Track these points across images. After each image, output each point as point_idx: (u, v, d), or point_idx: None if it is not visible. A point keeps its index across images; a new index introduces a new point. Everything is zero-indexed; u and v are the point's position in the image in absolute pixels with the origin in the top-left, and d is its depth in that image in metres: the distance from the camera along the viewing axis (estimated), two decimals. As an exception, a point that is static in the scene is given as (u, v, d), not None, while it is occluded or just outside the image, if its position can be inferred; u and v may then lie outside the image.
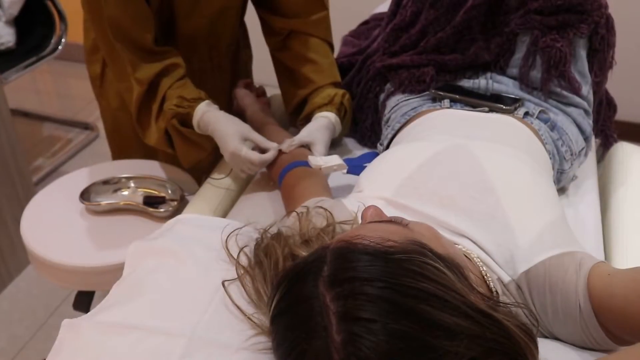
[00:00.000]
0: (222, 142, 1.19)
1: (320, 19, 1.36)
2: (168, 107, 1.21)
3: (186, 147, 1.26)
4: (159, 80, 1.24)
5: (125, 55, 1.21)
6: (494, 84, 1.23)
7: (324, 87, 1.32)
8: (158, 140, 1.27)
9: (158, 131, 1.25)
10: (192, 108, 1.21)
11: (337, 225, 0.85)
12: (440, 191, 0.89)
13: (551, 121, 1.16)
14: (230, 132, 1.18)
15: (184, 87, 1.25)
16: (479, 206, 0.87)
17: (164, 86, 1.24)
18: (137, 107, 1.26)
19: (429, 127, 1.07)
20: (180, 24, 1.33)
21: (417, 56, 1.27)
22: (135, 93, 1.24)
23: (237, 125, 1.20)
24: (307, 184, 1.06)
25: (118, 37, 1.20)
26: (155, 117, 1.24)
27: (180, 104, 1.22)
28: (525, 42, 1.22)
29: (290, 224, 0.89)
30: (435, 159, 0.94)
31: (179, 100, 1.22)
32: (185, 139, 1.24)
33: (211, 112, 1.21)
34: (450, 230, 0.86)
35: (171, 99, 1.22)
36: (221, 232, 0.86)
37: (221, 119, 1.20)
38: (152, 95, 1.25)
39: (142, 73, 1.23)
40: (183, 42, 1.36)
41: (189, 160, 1.31)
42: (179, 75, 1.26)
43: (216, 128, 1.19)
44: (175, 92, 1.23)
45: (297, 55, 1.36)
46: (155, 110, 1.24)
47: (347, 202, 0.93)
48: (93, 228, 1.31)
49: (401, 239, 0.63)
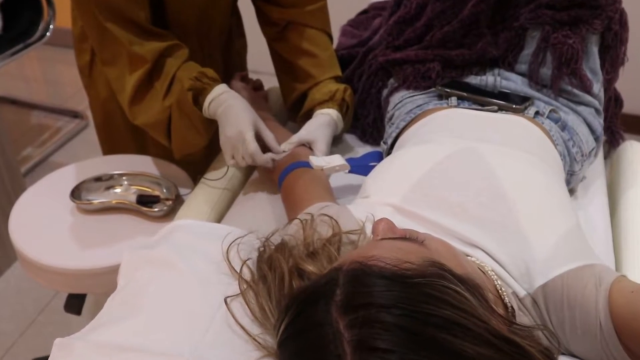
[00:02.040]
0: (233, 118, 1.11)
1: (318, 8, 1.30)
2: (187, 77, 1.14)
3: (185, 131, 1.19)
4: (164, 59, 1.17)
5: (122, 34, 1.14)
6: (502, 81, 1.19)
7: (324, 81, 1.27)
8: (156, 123, 1.20)
9: (163, 110, 1.17)
10: (210, 86, 1.14)
11: (343, 235, 0.81)
12: (450, 198, 0.85)
13: (562, 121, 1.11)
14: (245, 112, 1.11)
15: (195, 67, 1.19)
16: (491, 215, 0.83)
17: (171, 67, 1.17)
18: (134, 88, 1.18)
19: (437, 128, 1.03)
20: (169, 11, 1.27)
21: (422, 51, 1.22)
22: (137, 73, 1.16)
23: (252, 112, 1.14)
24: (309, 187, 1.01)
25: (110, 17, 1.13)
26: (163, 94, 1.17)
27: (201, 78, 1.15)
28: (535, 38, 1.17)
29: (293, 232, 0.84)
30: (444, 164, 0.90)
31: (199, 74, 1.15)
32: (187, 121, 1.17)
33: (230, 93, 1.15)
34: (461, 240, 0.82)
35: (187, 74, 1.15)
36: (222, 241, 0.81)
37: (239, 100, 1.14)
38: (155, 74, 1.18)
39: (145, 49, 1.15)
40: (173, 32, 1.30)
41: (184, 147, 1.24)
42: (184, 56, 1.20)
43: (232, 105, 1.12)
44: (190, 70, 1.16)
45: (295, 47, 1.30)
46: (161, 88, 1.17)
47: (353, 209, 0.88)
48: (84, 228, 1.26)
49: (419, 259, 0.59)
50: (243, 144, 1.10)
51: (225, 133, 1.12)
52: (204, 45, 1.40)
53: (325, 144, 1.16)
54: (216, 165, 1.28)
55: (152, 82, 1.18)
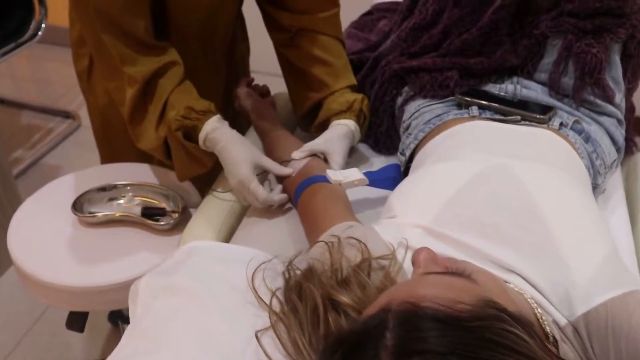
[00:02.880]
0: (231, 166, 1.09)
1: (331, 15, 1.26)
2: (174, 118, 1.10)
3: (186, 160, 1.16)
4: (156, 81, 1.13)
5: (115, 50, 1.10)
6: (522, 90, 1.15)
7: (340, 91, 1.22)
8: (155, 149, 1.17)
9: (157, 139, 1.14)
10: (200, 121, 1.10)
11: (373, 260, 0.77)
12: (484, 219, 0.82)
13: (585, 132, 1.08)
14: (241, 157, 1.08)
15: (188, 93, 1.14)
16: (528, 237, 0.79)
17: (164, 90, 1.13)
18: (130, 108, 1.15)
19: (462, 142, 0.99)
20: (172, 17, 1.22)
21: (440, 59, 1.18)
22: (130, 93, 1.13)
23: (248, 150, 1.10)
24: (329, 204, 0.97)
25: (106, 29, 1.09)
26: (156, 124, 1.13)
27: (188, 115, 1.11)
28: (556, 46, 1.14)
29: (319, 256, 0.80)
30: (475, 182, 0.86)
31: (186, 111, 1.10)
32: (187, 152, 1.14)
33: (222, 130, 1.10)
34: (496, 264, 0.78)
35: (176, 107, 1.11)
36: (245, 267, 0.77)
37: (232, 139, 1.10)
38: (148, 97, 1.14)
39: (135, 69, 1.11)
40: (175, 37, 1.25)
41: (187, 174, 1.21)
42: (178, 76, 1.15)
43: (226, 149, 1.09)
44: (181, 100, 1.12)
45: (308, 54, 1.26)
46: (153, 114, 1.13)
47: (380, 231, 0.84)
48: (86, 242, 1.20)
49: (472, 298, 0.56)
50: (249, 193, 1.07)
51: (230, 179, 1.10)
52: (207, 51, 1.35)
53: (342, 156, 1.12)
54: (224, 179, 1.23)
55: (145, 104, 1.14)
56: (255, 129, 1.32)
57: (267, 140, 1.23)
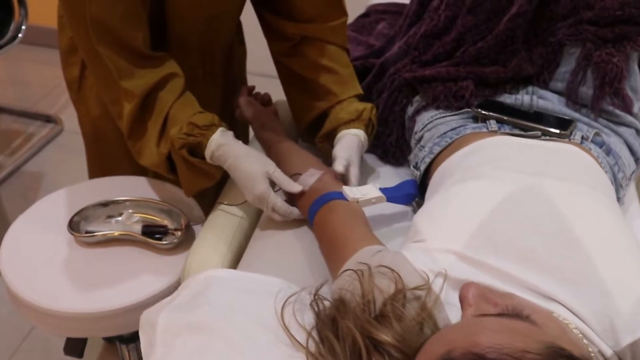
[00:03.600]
0: (246, 182, 1.04)
1: (339, 25, 1.21)
2: (177, 136, 1.05)
3: (192, 175, 1.10)
4: (155, 94, 1.07)
5: (112, 63, 1.04)
6: (538, 101, 1.12)
7: (348, 100, 1.17)
8: (158, 165, 1.11)
9: (159, 155, 1.08)
10: (204, 137, 1.04)
11: (407, 291, 0.73)
12: (519, 243, 0.78)
13: (606, 145, 1.05)
14: (255, 171, 1.03)
15: (190, 106, 1.09)
16: (567, 263, 0.76)
17: (165, 104, 1.07)
18: (129, 124, 1.08)
19: (487, 159, 0.94)
20: (171, 28, 1.16)
21: (454, 68, 1.14)
22: (128, 108, 1.07)
23: (261, 162, 1.05)
24: (349, 224, 0.92)
25: (103, 40, 1.03)
26: (157, 139, 1.07)
27: (191, 132, 1.05)
28: (574, 55, 1.10)
29: (347, 285, 0.76)
30: (508, 204, 0.82)
31: (189, 128, 1.05)
32: (192, 167, 1.08)
33: (229, 145, 1.05)
34: (536, 292, 0.74)
35: (178, 123, 1.05)
36: (270, 299, 0.72)
37: (241, 154, 1.05)
38: (147, 112, 1.08)
39: (133, 83, 1.05)
40: (174, 48, 1.19)
41: (194, 189, 1.15)
42: (179, 88, 1.09)
43: (238, 165, 1.04)
44: (182, 115, 1.06)
45: (314, 63, 1.20)
46: (154, 130, 1.07)
47: (410, 256, 0.80)
48: (84, 264, 1.14)
49: (538, 345, 0.52)
50: (268, 208, 1.03)
51: (247, 195, 1.06)
52: (205, 61, 1.29)
53: (358, 168, 1.07)
54: (230, 192, 1.18)
55: (144, 120, 1.08)
56: (258, 140, 1.27)
57: (272, 151, 1.18)
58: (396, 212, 1.08)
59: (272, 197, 1.01)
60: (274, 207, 1.02)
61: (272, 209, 1.02)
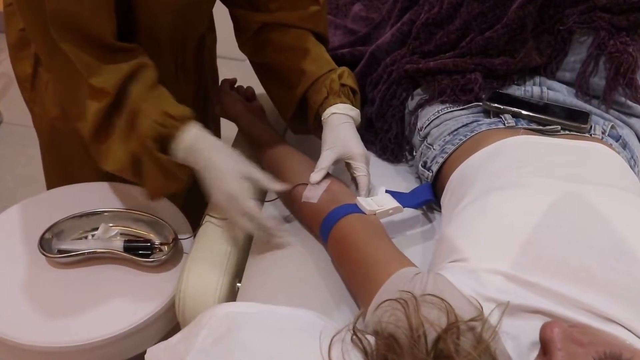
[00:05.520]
0: (216, 180, 0.93)
1: (310, 15, 1.09)
2: (149, 125, 0.93)
3: (159, 176, 0.97)
4: (126, 86, 0.94)
5: (79, 60, 0.91)
6: (548, 92, 1.06)
7: (323, 77, 1.05)
8: (123, 168, 0.98)
9: (126, 154, 0.95)
10: (177, 129, 0.93)
11: (462, 324, 0.65)
12: (571, 261, 0.72)
13: (622, 138, 1.01)
14: (230, 168, 0.93)
15: (163, 98, 0.97)
16: (623, 280, 0.70)
17: (135, 97, 0.94)
18: (95, 124, 0.96)
19: (515, 163, 0.87)
20: (141, 18, 1.03)
21: (460, 59, 1.06)
22: (95, 106, 0.94)
23: (236, 161, 0.94)
24: (375, 243, 0.84)
25: (66, 36, 0.90)
26: (124, 136, 0.95)
27: (164, 122, 0.93)
28: (584, 43, 1.05)
29: (388, 317, 0.68)
30: (552, 216, 0.76)
31: (162, 118, 0.93)
32: (160, 166, 0.96)
33: (206, 140, 0.94)
34: (594, 313, 0.69)
35: (151, 115, 0.93)
36: (315, 342, 0.63)
37: (217, 149, 0.95)
38: (117, 109, 0.95)
39: (104, 79, 0.92)
40: (143, 43, 1.06)
41: (160, 192, 1.03)
42: (150, 80, 0.97)
43: (211, 159, 0.93)
44: (154, 106, 0.94)
45: (280, 46, 1.09)
46: (121, 127, 0.95)
47: (453, 279, 0.72)
48: (60, 288, 1.01)
49: None
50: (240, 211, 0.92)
51: (216, 194, 0.94)
52: (177, 56, 1.16)
53: (363, 154, 0.98)
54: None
55: (112, 118, 0.96)
56: (246, 139, 1.16)
57: (266, 155, 1.08)
58: (408, 217, 1.00)
59: (246, 198, 0.91)
60: (247, 208, 0.90)
61: (246, 211, 0.91)
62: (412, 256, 0.84)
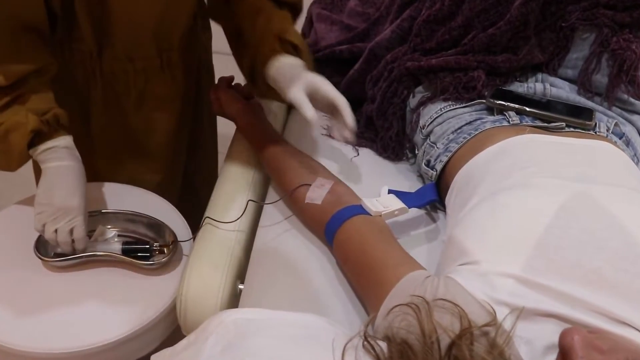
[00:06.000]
0: (65, 190, 0.96)
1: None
2: (33, 119, 0.93)
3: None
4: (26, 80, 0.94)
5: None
6: (551, 89, 1.05)
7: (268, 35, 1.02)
8: None
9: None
10: (57, 134, 0.96)
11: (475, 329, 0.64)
12: (584, 263, 0.71)
13: (625, 135, 1.00)
14: (81, 186, 0.97)
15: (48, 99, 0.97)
16: (636, 281, 0.70)
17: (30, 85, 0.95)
18: None
19: (522, 162, 0.86)
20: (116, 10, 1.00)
21: (463, 56, 1.05)
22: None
23: (84, 188, 0.97)
24: (383, 246, 0.82)
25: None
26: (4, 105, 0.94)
27: (52, 122, 0.95)
28: (586, 40, 1.04)
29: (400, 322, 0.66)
30: (563, 217, 0.75)
31: (52, 118, 0.95)
32: (8, 146, 0.95)
33: (73, 152, 0.98)
34: (606, 316, 0.68)
35: (42, 105, 0.95)
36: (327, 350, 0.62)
37: (79, 168, 0.98)
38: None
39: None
40: (122, 35, 1.03)
41: None
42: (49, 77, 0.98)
43: (69, 169, 0.96)
44: (45, 102, 0.96)
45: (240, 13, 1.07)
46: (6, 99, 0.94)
47: (464, 282, 0.71)
48: (56, 292, 0.98)
49: None
50: (66, 225, 0.95)
51: (55, 200, 0.95)
52: (162, 50, 1.12)
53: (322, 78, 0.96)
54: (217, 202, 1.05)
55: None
56: (245, 138, 1.15)
57: (267, 155, 1.06)
58: (411, 217, 0.99)
59: (80, 219, 0.95)
60: (75, 230, 0.95)
61: (73, 231, 0.95)
62: (417, 257, 0.83)
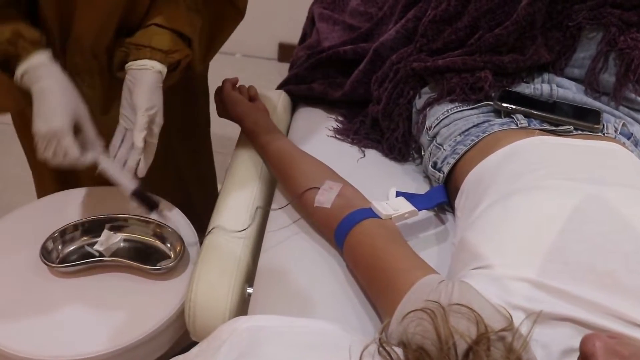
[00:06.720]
0: (47, 112, 0.90)
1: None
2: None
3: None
4: None
5: None
6: (558, 90, 1.05)
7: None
8: None
9: None
10: (26, 51, 0.91)
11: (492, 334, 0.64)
12: (598, 266, 0.71)
13: (633, 136, 1.00)
14: (62, 104, 0.90)
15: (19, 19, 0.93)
16: None
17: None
18: None
19: (534, 165, 0.86)
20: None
21: (469, 57, 1.05)
22: None
23: (72, 100, 0.92)
24: (394, 250, 0.82)
25: None
26: None
27: (15, 41, 0.91)
28: (593, 39, 1.04)
29: (415, 328, 0.66)
30: (576, 220, 0.74)
31: (13, 36, 0.90)
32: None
33: (49, 68, 0.92)
34: (621, 319, 0.68)
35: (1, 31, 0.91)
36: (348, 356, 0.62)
37: (58, 82, 0.92)
38: None
39: None
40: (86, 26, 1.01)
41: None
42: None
43: (48, 90, 0.90)
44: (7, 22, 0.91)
45: None
46: None
47: (478, 287, 0.71)
48: (63, 298, 0.97)
49: None
50: (58, 148, 0.90)
51: (37, 127, 0.90)
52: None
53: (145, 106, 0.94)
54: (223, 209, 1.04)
55: None
56: (250, 140, 1.14)
57: (275, 158, 1.06)
58: (420, 219, 0.98)
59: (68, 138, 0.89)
60: (66, 148, 0.89)
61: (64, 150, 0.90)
62: (427, 259, 0.83)
